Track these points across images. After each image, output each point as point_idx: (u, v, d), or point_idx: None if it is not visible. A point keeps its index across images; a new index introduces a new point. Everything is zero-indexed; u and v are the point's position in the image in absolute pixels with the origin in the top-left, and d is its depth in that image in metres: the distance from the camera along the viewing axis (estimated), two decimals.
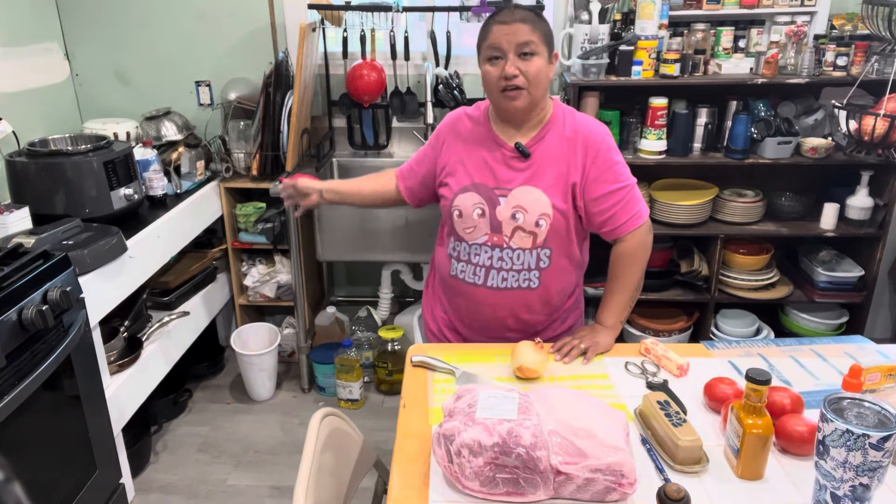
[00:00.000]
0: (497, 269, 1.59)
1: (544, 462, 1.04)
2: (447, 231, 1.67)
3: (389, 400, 2.77)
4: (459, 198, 1.59)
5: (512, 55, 1.46)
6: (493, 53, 1.48)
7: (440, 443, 1.10)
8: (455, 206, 1.60)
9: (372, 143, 2.90)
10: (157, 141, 2.68)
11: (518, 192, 1.55)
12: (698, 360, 1.48)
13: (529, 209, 1.54)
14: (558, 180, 1.55)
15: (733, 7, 2.52)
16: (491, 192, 1.57)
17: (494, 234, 1.57)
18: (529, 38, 1.46)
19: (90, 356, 1.89)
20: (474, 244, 1.60)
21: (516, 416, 1.09)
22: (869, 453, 0.93)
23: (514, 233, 1.56)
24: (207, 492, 2.28)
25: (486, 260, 1.60)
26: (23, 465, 1.61)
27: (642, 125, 2.56)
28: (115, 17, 2.82)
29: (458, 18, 2.63)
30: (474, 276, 1.62)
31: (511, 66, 1.46)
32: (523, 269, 1.59)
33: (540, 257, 1.58)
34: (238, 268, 2.90)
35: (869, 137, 2.08)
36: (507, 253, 1.58)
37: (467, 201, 1.58)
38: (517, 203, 1.55)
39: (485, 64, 1.51)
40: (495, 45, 1.47)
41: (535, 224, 1.55)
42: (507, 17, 1.47)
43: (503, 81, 1.48)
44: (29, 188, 2.16)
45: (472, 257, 1.61)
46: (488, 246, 1.58)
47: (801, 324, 2.73)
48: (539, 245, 1.57)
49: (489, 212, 1.57)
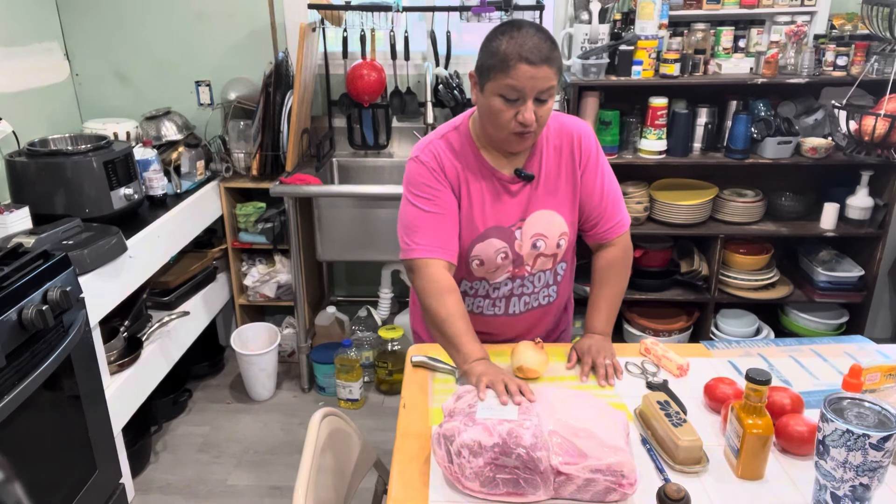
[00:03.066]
0: (518, 295, 1.55)
1: (544, 462, 1.04)
2: (457, 275, 1.52)
3: (389, 400, 2.77)
4: (478, 247, 1.48)
5: (530, 101, 1.31)
6: (512, 95, 1.31)
7: (440, 443, 1.10)
8: (474, 257, 1.49)
9: (372, 143, 2.90)
10: (157, 141, 2.68)
11: (533, 219, 1.48)
12: (698, 360, 1.48)
13: (549, 234, 1.49)
14: (566, 195, 1.50)
15: (733, 7, 2.52)
16: (508, 231, 1.48)
17: (516, 268, 1.51)
18: (552, 82, 1.31)
19: (90, 356, 1.89)
20: (495, 282, 1.53)
21: (516, 417, 1.09)
22: (869, 453, 0.93)
23: (536, 261, 1.51)
24: (207, 492, 2.28)
25: (506, 291, 1.54)
26: (23, 465, 1.61)
27: (642, 125, 2.56)
28: (115, 17, 2.82)
29: (458, 18, 2.63)
30: (493, 308, 1.57)
31: (530, 113, 1.31)
32: (543, 288, 1.56)
33: (557, 272, 1.57)
34: (238, 268, 2.90)
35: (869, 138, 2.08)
36: (528, 279, 1.53)
37: (488, 250, 1.48)
38: (535, 231, 1.48)
39: (496, 99, 1.33)
40: (518, 87, 1.29)
41: (556, 246, 1.51)
42: (534, 56, 1.28)
43: (518, 126, 1.33)
44: (29, 188, 2.16)
45: (490, 292, 1.55)
46: (509, 279, 1.53)
47: (801, 324, 2.73)
48: (558, 261, 1.55)
49: (511, 252, 1.49)
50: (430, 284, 1.39)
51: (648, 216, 2.67)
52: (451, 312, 1.36)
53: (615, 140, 2.56)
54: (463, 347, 1.34)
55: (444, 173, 1.45)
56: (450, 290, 1.39)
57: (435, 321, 1.38)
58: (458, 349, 1.34)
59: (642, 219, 2.65)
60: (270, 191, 2.49)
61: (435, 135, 1.50)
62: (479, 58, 1.37)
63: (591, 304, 1.59)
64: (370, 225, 2.55)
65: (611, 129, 2.52)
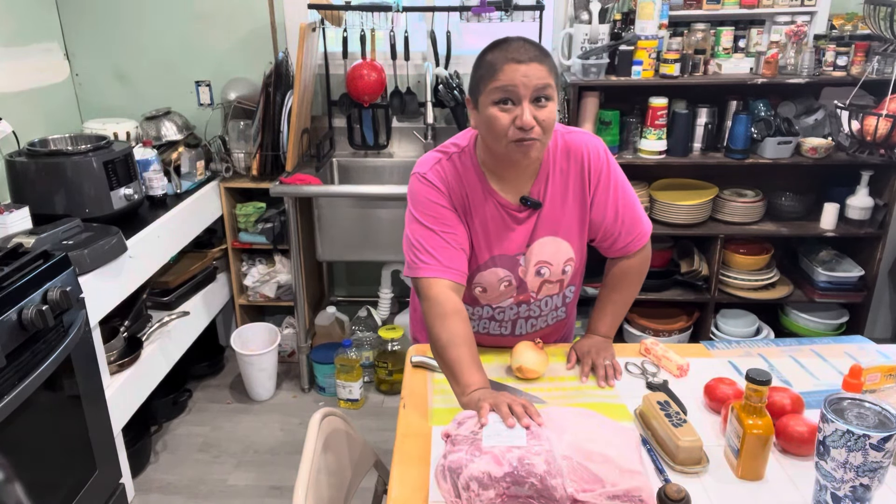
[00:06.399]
0: (525, 318, 1.53)
1: (560, 491, 0.98)
2: None
3: (389, 400, 2.77)
4: (480, 275, 1.46)
5: (527, 102, 1.24)
6: (506, 96, 1.24)
7: (445, 476, 1.03)
8: (476, 284, 1.47)
9: (372, 143, 2.90)
10: (157, 141, 2.67)
11: (537, 246, 1.44)
12: (698, 360, 1.48)
13: (554, 261, 1.45)
14: (572, 219, 1.44)
15: (733, 7, 2.52)
16: (512, 260, 1.45)
17: (521, 294, 1.49)
18: (547, 81, 1.25)
19: (90, 356, 1.89)
20: (499, 307, 1.51)
21: (526, 443, 1.03)
22: (869, 454, 0.93)
23: (541, 287, 1.49)
24: (207, 492, 2.28)
25: (511, 315, 1.52)
26: (23, 465, 1.61)
27: (642, 125, 2.56)
28: (115, 17, 2.82)
29: (458, 18, 2.63)
30: (500, 329, 1.55)
31: (529, 115, 1.24)
32: (552, 311, 1.55)
33: (566, 295, 1.54)
34: (238, 268, 2.90)
35: (871, 138, 2.08)
36: (534, 304, 1.51)
37: (491, 278, 1.46)
38: (539, 259, 1.45)
39: (491, 108, 1.26)
40: (510, 86, 1.23)
41: (561, 272, 1.48)
42: (521, 55, 1.23)
43: (518, 132, 1.25)
44: (29, 188, 2.16)
45: (495, 315, 1.52)
46: (514, 305, 1.51)
47: (801, 324, 2.73)
48: (566, 287, 1.52)
49: (515, 279, 1.47)
50: (434, 308, 1.32)
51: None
52: (451, 337, 1.28)
53: (615, 140, 2.56)
54: (462, 377, 1.23)
55: (450, 197, 1.40)
56: (453, 313, 1.31)
57: (436, 346, 1.30)
58: (456, 379, 1.24)
59: None
60: (270, 191, 2.49)
61: (442, 154, 1.43)
62: (470, 79, 1.33)
63: (597, 306, 1.57)
64: (370, 225, 2.55)
65: (611, 129, 2.52)
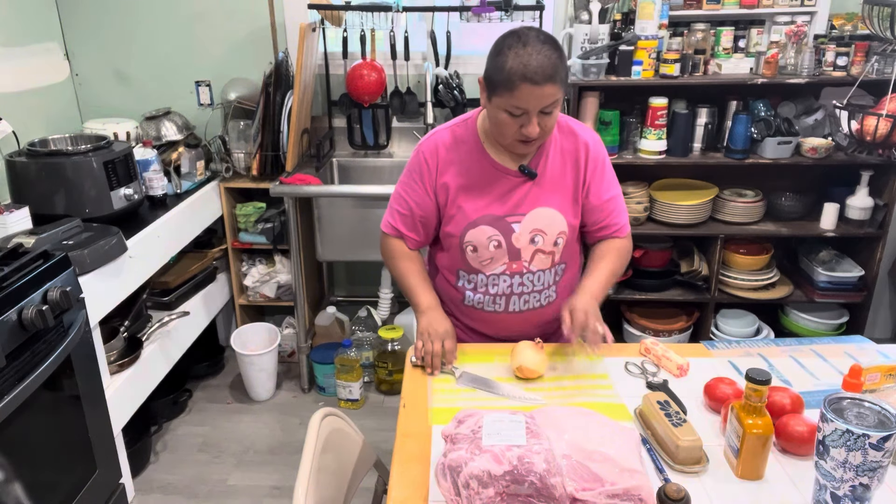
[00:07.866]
0: (518, 294, 1.57)
1: (559, 489, 0.99)
2: (455, 264, 1.60)
3: (389, 400, 2.77)
4: (470, 233, 1.53)
5: (534, 116, 1.37)
6: (517, 112, 1.37)
7: (445, 475, 1.05)
8: (467, 242, 1.54)
9: (372, 143, 2.90)
10: (157, 141, 2.67)
11: (533, 215, 1.52)
12: (698, 360, 1.48)
13: (548, 230, 1.52)
14: (567, 196, 1.54)
15: (733, 7, 2.52)
16: (503, 221, 1.52)
17: (513, 261, 1.54)
18: (557, 97, 1.36)
19: (90, 356, 1.89)
20: (492, 275, 1.55)
21: (525, 441, 1.04)
22: (869, 453, 0.93)
23: (533, 256, 1.54)
24: (207, 492, 2.28)
25: (505, 288, 1.56)
26: (23, 465, 1.61)
27: (642, 125, 2.56)
28: (114, 16, 2.82)
29: (458, 18, 2.63)
30: (494, 305, 1.59)
31: (534, 127, 1.38)
32: (543, 289, 1.58)
33: (557, 272, 1.59)
34: (238, 268, 2.90)
35: (871, 138, 2.08)
36: (527, 277, 1.55)
37: (480, 235, 1.52)
38: (534, 227, 1.52)
39: (501, 112, 1.39)
40: (521, 106, 1.36)
41: (553, 244, 1.54)
42: (537, 76, 1.32)
43: (522, 136, 1.41)
44: (29, 188, 2.16)
45: (489, 288, 1.57)
46: (507, 275, 1.55)
47: (801, 324, 2.73)
48: (556, 263, 1.57)
49: (505, 242, 1.52)
50: (387, 251, 1.66)
51: (648, 216, 2.67)
52: (403, 271, 1.63)
53: (615, 140, 2.56)
54: (414, 298, 1.60)
55: (436, 168, 1.54)
56: (401, 256, 1.63)
57: (395, 276, 1.66)
58: (412, 300, 1.61)
59: (642, 219, 2.64)
60: (270, 191, 2.49)
61: (445, 125, 1.59)
62: (487, 67, 1.41)
63: (586, 271, 1.58)
64: (370, 225, 2.55)
65: (611, 129, 2.52)
